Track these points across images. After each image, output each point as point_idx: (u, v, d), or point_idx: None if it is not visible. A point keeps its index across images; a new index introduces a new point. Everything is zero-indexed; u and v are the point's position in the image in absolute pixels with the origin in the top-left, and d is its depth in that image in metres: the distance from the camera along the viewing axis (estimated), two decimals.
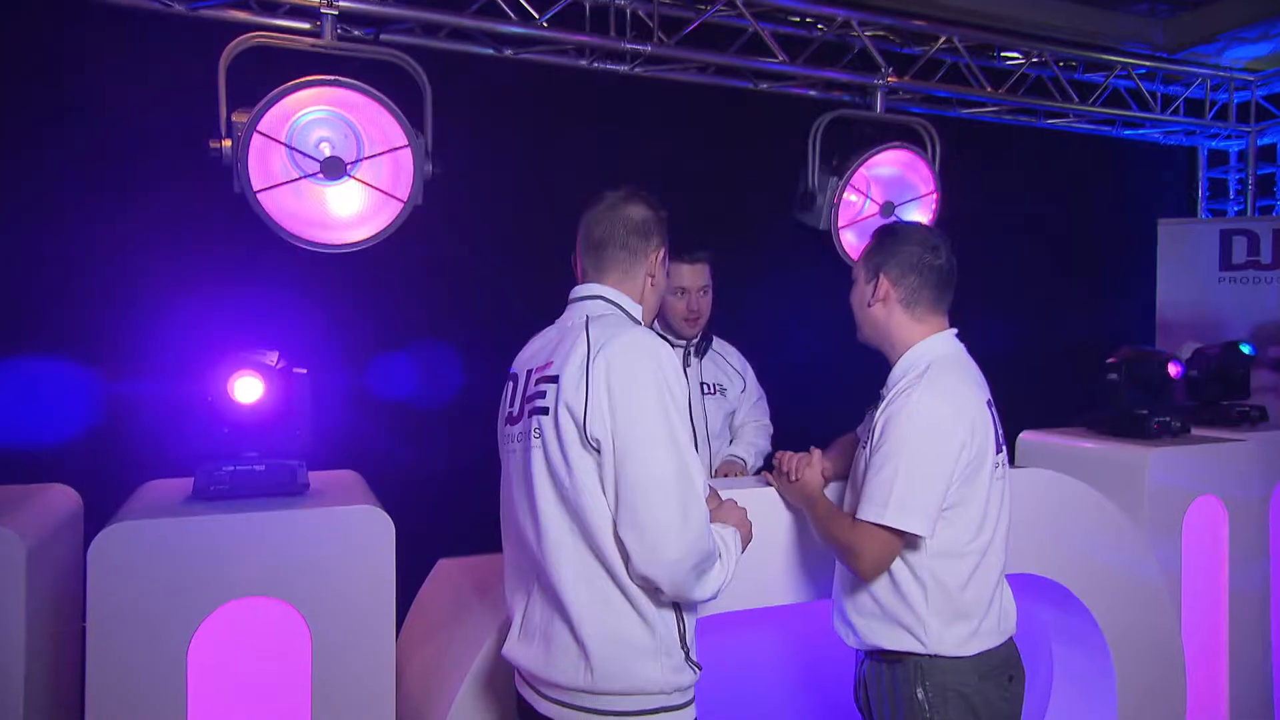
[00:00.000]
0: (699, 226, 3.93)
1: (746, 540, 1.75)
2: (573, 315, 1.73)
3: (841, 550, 1.89)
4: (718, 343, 3.01)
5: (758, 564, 2.12)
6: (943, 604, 1.84)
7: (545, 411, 1.62)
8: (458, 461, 3.43)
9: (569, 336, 1.66)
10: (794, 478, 2.08)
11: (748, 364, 3.07)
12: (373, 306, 3.73)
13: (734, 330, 3.10)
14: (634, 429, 1.53)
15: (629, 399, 1.53)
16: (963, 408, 1.83)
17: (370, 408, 3.57)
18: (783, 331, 3.80)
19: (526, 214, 3.83)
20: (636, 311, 1.75)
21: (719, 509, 1.77)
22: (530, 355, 1.76)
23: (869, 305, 1.96)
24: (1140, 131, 5.33)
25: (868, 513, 1.80)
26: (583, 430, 1.55)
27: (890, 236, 1.98)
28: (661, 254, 1.77)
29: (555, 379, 1.61)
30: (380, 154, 3.01)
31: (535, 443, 1.64)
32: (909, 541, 1.83)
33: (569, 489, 1.57)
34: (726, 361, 3.02)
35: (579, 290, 1.77)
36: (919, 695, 1.83)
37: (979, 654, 1.85)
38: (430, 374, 3.70)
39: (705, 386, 2.94)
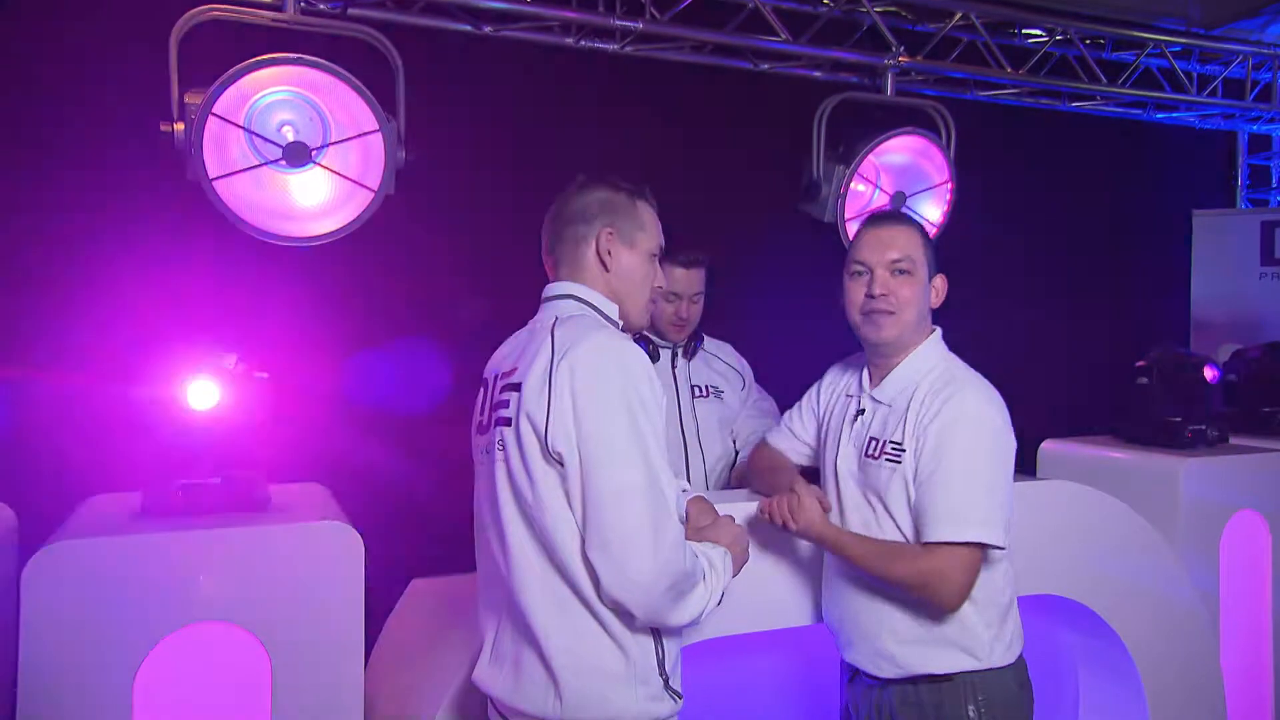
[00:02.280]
0: (694, 218, 3.93)
1: (740, 562, 1.75)
2: (543, 316, 1.74)
3: (912, 582, 1.82)
4: (709, 342, 3.00)
5: (756, 584, 2.12)
6: (992, 613, 1.89)
7: (508, 422, 1.63)
8: (433, 473, 3.43)
9: (534, 340, 1.67)
10: (793, 526, 1.92)
11: (745, 363, 3.05)
12: (340, 305, 3.72)
13: (732, 330, 3.10)
14: (599, 440, 1.53)
15: (594, 408, 1.53)
16: (1005, 408, 1.88)
17: (337, 415, 3.56)
18: (784, 331, 3.79)
19: (508, 204, 3.82)
20: (612, 310, 1.74)
21: (712, 526, 1.76)
22: (499, 360, 1.77)
23: (934, 307, 1.98)
24: (1174, 115, 5.33)
25: (952, 531, 1.78)
26: (544, 442, 1.55)
27: (921, 226, 2.02)
28: (609, 231, 1.72)
29: (518, 386, 1.62)
30: (348, 139, 3.00)
31: (499, 456, 1.65)
32: None
33: (533, 506, 1.58)
34: (721, 361, 3.00)
35: (549, 289, 1.78)
36: (970, 713, 1.86)
37: (1015, 660, 1.92)
38: (403, 378, 3.69)
39: (696, 389, 2.93)
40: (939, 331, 2.00)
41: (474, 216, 3.87)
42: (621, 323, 1.76)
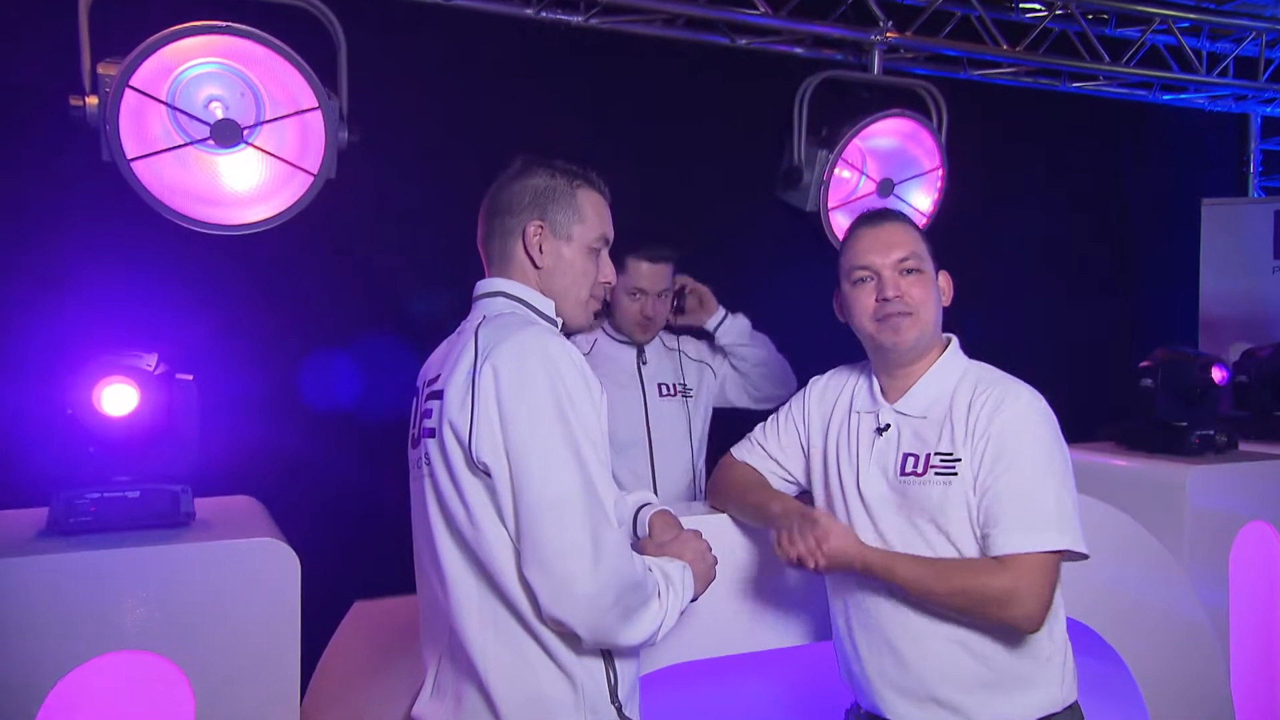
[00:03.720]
0: (664, 206, 3.94)
1: (705, 579, 1.74)
2: (471, 316, 1.74)
3: (984, 602, 1.75)
4: (669, 338, 3.03)
5: (733, 602, 2.12)
6: (1060, 639, 1.87)
7: (433, 434, 1.63)
8: (377, 486, 3.38)
9: (459, 342, 1.67)
10: (818, 564, 1.80)
11: (713, 352, 3.08)
12: (274, 300, 3.69)
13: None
14: (529, 448, 1.52)
15: (521, 413, 1.52)
16: None
17: (271, 421, 3.53)
18: (761, 327, 3.80)
19: (461, 191, 3.76)
20: (548, 307, 1.73)
21: (674, 541, 1.76)
22: (428, 365, 1.77)
23: (945, 306, 1.96)
24: (1182, 96, 5.41)
25: (1031, 540, 1.72)
26: (469, 453, 1.55)
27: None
28: (538, 224, 1.71)
29: (440, 394, 1.62)
30: (284, 117, 2.99)
31: (426, 471, 1.65)
32: None
33: (464, 524, 1.58)
34: (686, 356, 3.03)
35: (479, 286, 1.77)
36: None
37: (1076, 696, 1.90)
38: (344, 381, 3.67)
39: (663, 388, 2.95)
40: (955, 338, 1.98)
41: (424, 203, 3.85)
42: (560, 321, 1.75)
